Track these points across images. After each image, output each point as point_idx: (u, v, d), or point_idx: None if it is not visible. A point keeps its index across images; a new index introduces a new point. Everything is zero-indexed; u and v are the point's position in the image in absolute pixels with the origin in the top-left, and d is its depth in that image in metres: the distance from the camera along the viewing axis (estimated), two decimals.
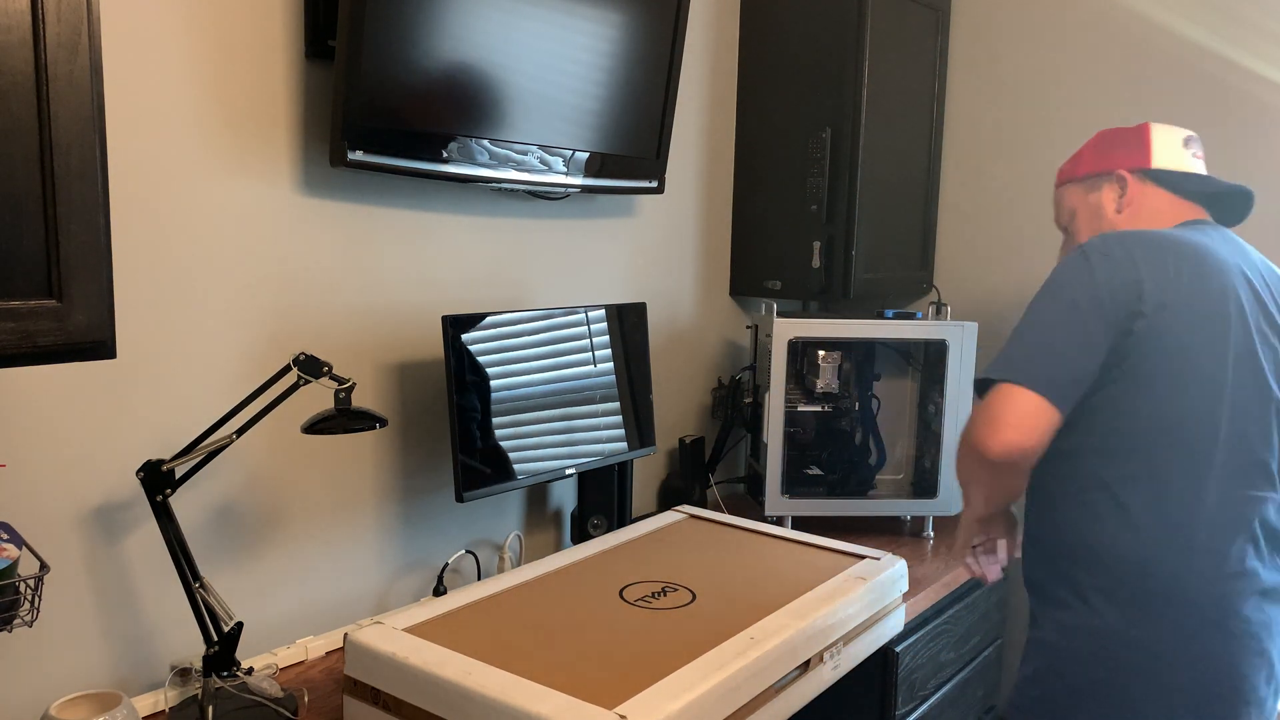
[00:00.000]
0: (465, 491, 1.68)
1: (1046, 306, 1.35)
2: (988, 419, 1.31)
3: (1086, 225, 1.58)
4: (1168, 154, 1.54)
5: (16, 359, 0.98)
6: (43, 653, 1.35)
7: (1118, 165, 1.55)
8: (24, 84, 0.94)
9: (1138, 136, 1.57)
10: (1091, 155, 1.60)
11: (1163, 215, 1.52)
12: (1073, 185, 1.61)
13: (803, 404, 2.32)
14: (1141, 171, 1.54)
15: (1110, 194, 1.56)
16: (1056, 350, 1.32)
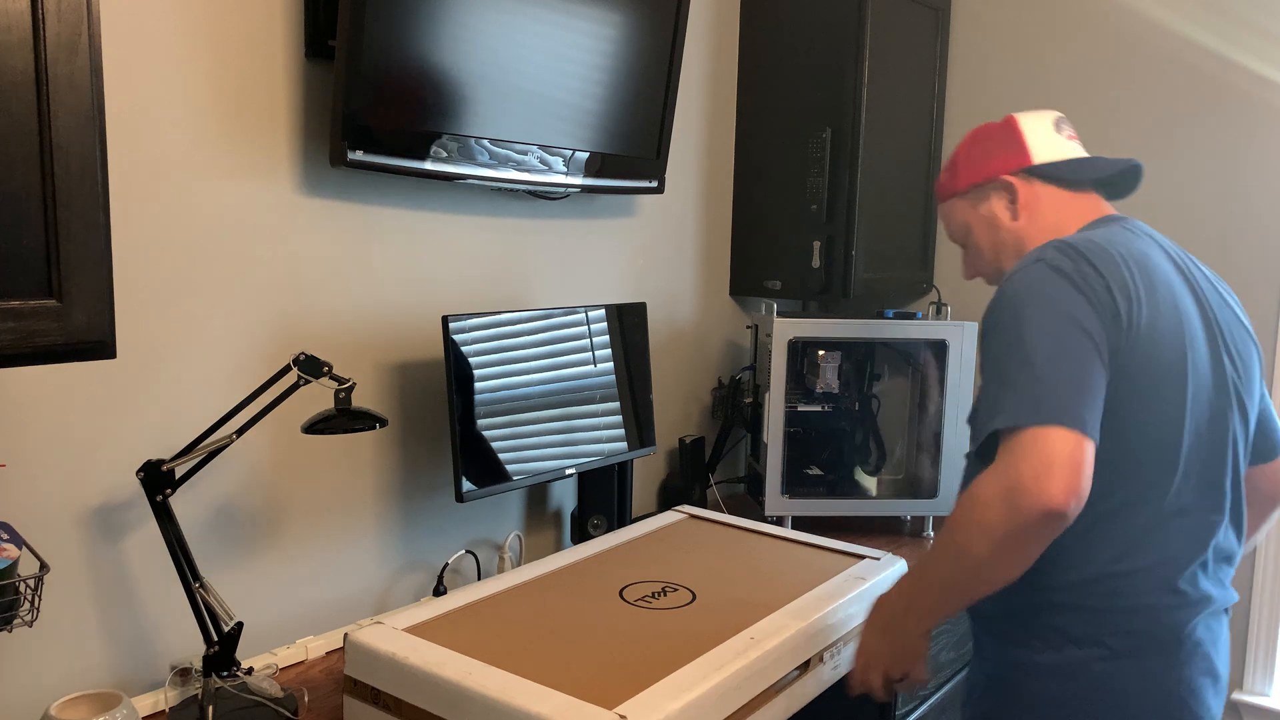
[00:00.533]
0: (465, 491, 1.68)
1: (1044, 330, 1.18)
2: (1039, 469, 1.10)
3: (987, 239, 1.46)
4: (1045, 146, 1.43)
5: (16, 359, 0.98)
6: (43, 653, 1.35)
7: (998, 171, 1.44)
8: (24, 84, 0.94)
9: (1009, 134, 1.45)
10: (967, 165, 1.48)
11: (1064, 213, 1.41)
12: (957, 200, 1.49)
13: (803, 404, 2.32)
14: (1025, 171, 1.42)
15: (1000, 203, 1.44)
16: (1078, 377, 1.16)
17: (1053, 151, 1.43)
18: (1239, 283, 2.30)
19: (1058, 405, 1.13)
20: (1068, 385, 1.14)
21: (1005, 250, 1.44)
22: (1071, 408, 1.13)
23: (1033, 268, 1.23)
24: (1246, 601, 2.33)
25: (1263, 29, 2.24)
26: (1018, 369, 1.17)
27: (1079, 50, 2.48)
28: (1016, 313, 1.21)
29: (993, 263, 1.47)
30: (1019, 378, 1.16)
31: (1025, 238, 1.42)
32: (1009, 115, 1.48)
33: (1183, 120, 2.35)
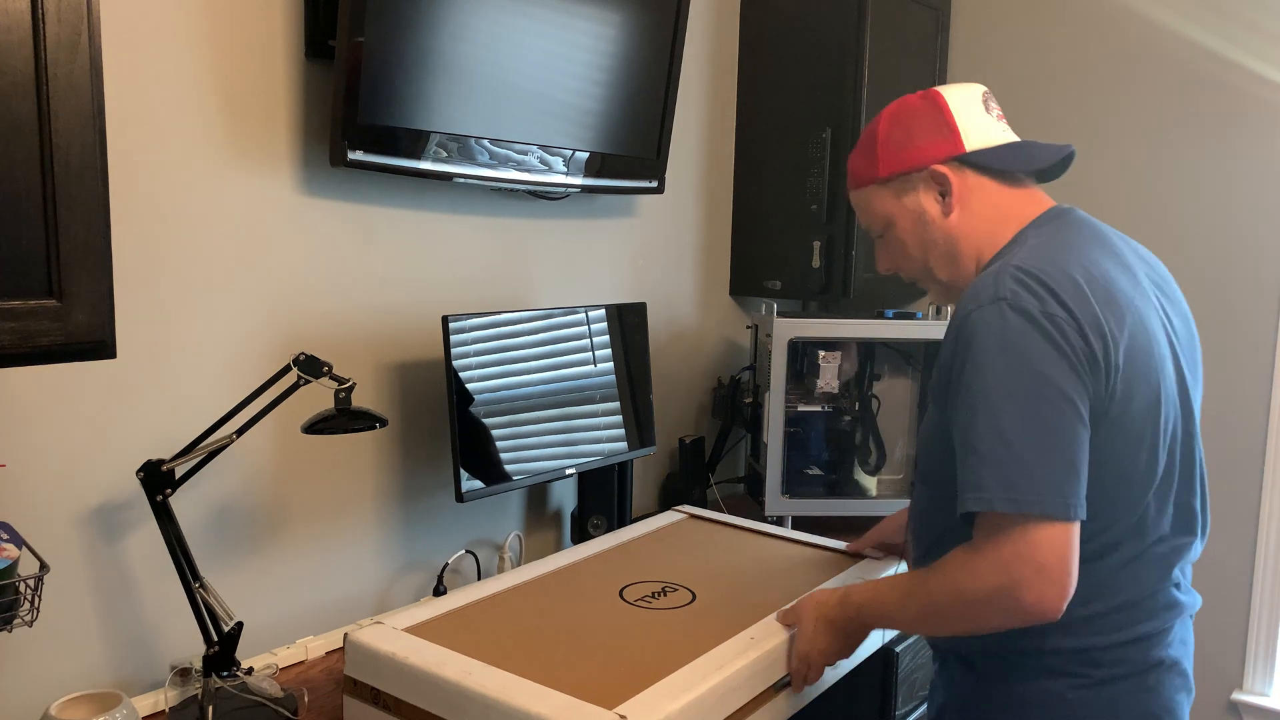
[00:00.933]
0: (465, 491, 1.68)
1: (1017, 395, 1.07)
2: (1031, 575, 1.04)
3: (913, 235, 1.29)
4: (977, 129, 1.26)
5: (16, 359, 0.98)
6: (43, 653, 1.35)
7: (927, 159, 1.25)
8: (24, 84, 0.94)
9: (937, 116, 1.26)
10: (889, 149, 1.28)
11: (1002, 209, 1.26)
12: (876, 189, 1.30)
13: (803, 404, 2.32)
14: (957, 160, 1.25)
15: (929, 195, 1.26)
16: (1063, 456, 1.06)
17: (985, 135, 1.26)
18: (1239, 283, 2.30)
19: (1044, 492, 1.04)
20: (1052, 468, 1.05)
21: (935, 249, 1.29)
22: (1059, 494, 1.04)
23: (991, 310, 1.10)
24: (1246, 601, 2.33)
25: (1262, 29, 2.24)
26: (991, 441, 1.07)
27: (1079, 50, 2.47)
28: (980, 367, 1.09)
29: (919, 262, 1.31)
30: (993, 452, 1.06)
31: (958, 236, 1.27)
32: (932, 90, 1.29)
33: (1182, 119, 2.35)
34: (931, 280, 1.33)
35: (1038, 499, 1.04)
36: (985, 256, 1.27)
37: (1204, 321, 2.34)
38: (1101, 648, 1.18)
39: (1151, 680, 1.20)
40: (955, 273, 1.29)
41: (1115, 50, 2.42)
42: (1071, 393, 1.07)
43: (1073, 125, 2.49)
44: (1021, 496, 1.04)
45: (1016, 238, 1.24)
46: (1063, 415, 1.06)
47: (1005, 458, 1.05)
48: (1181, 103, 2.35)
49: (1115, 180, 2.44)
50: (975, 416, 1.08)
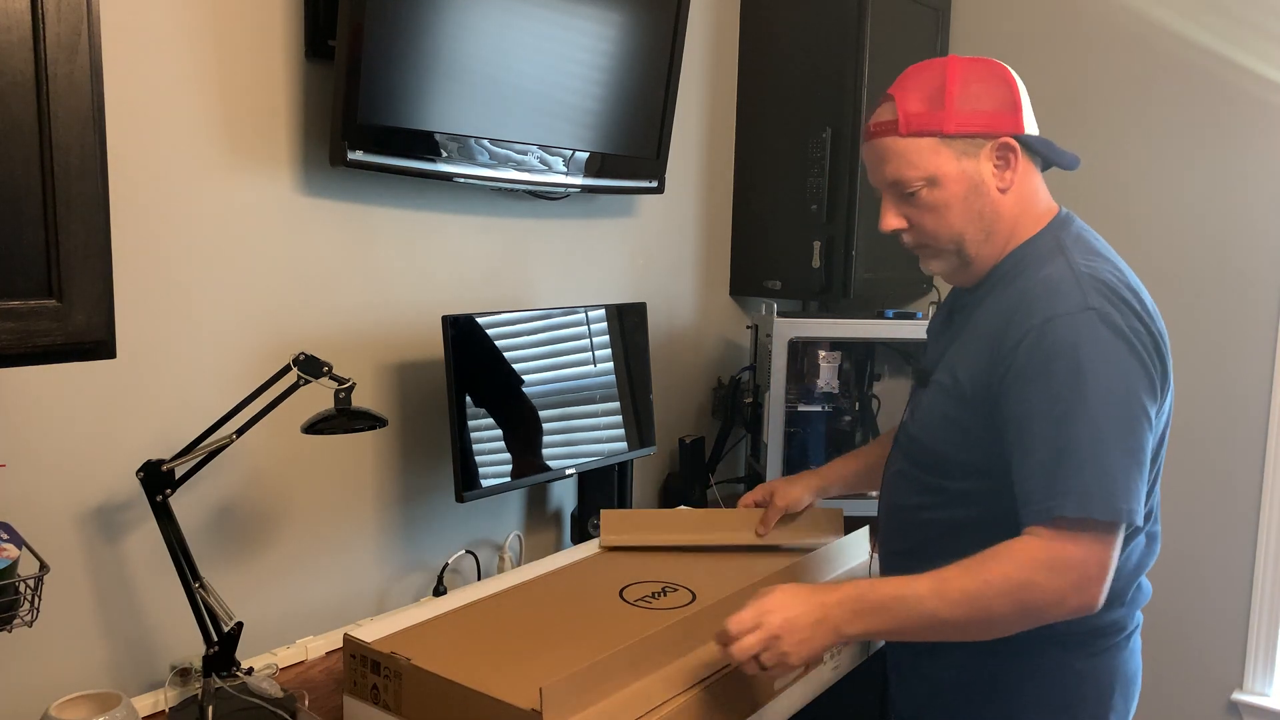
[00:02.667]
0: (465, 491, 1.68)
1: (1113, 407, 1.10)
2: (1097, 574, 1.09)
3: (961, 200, 1.22)
4: (1030, 117, 1.25)
5: (16, 359, 0.98)
6: (43, 653, 1.35)
7: (1001, 127, 1.21)
8: (24, 84, 0.94)
9: (1006, 89, 1.22)
10: (959, 106, 1.20)
11: (1038, 197, 1.27)
12: (933, 142, 1.21)
13: (803, 404, 2.32)
14: (1020, 139, 1.23)
15: (988, 166, 1.22)
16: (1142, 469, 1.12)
17: (1032, 123, 1.26)
18: (1239, 282, 2.30)
19: (1133, 504, 1.09)
20: (1137, 481, 1.10)
21: (977, 221, 1.24)
22: (1139, 506, 1.10)
23: (1083, 319, 1.12)
24: (1247, 601, 2.33)
25: (1263, 28, 2.24)
26: (1088, 447, 1.09)
27: (1079, 50, 2.47)
28: (1078, 375, 1.10)
29: (954, 229, 1.25)
30: (1089, 459, 1.09)
31: (1003, 213, 1.24)
32: (987, 62, 1.24)
33: (1183, 119, 2.35)
34: (954, 252, 1.27)
35: (1129, 511, 1.09)
36: (1013, 242, 1.26)
37: (1204, 321, 2.34)
38: (1109, 623, 1.25)
39: (1134, 641, 1.31)
40: (984, 250, 1.26)
41: (1115, 50, 2.42)
42: (1150, 408, 1.13)
43: (1073, 125, 2.49)
44: (1116, 505, 1.09)
45: (1045, 234, 1.26)
46: (1144, 431, 1.12)
47: (1102, 468, 1.09)
48: (1182, 102, 2.35)
49: (1115, 179, 2.44)
50: (1072, 426, 1.10)
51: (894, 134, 1.23)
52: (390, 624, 1.36)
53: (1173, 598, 2.40)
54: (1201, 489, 2.37)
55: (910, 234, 1.29)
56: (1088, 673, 1.26)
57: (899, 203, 1.27)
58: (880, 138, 1.25)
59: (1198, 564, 2.38)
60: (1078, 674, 1.25)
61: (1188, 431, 2.36)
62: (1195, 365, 2.35)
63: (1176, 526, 2.41)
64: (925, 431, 1.29)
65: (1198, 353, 2.35)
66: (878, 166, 1.27)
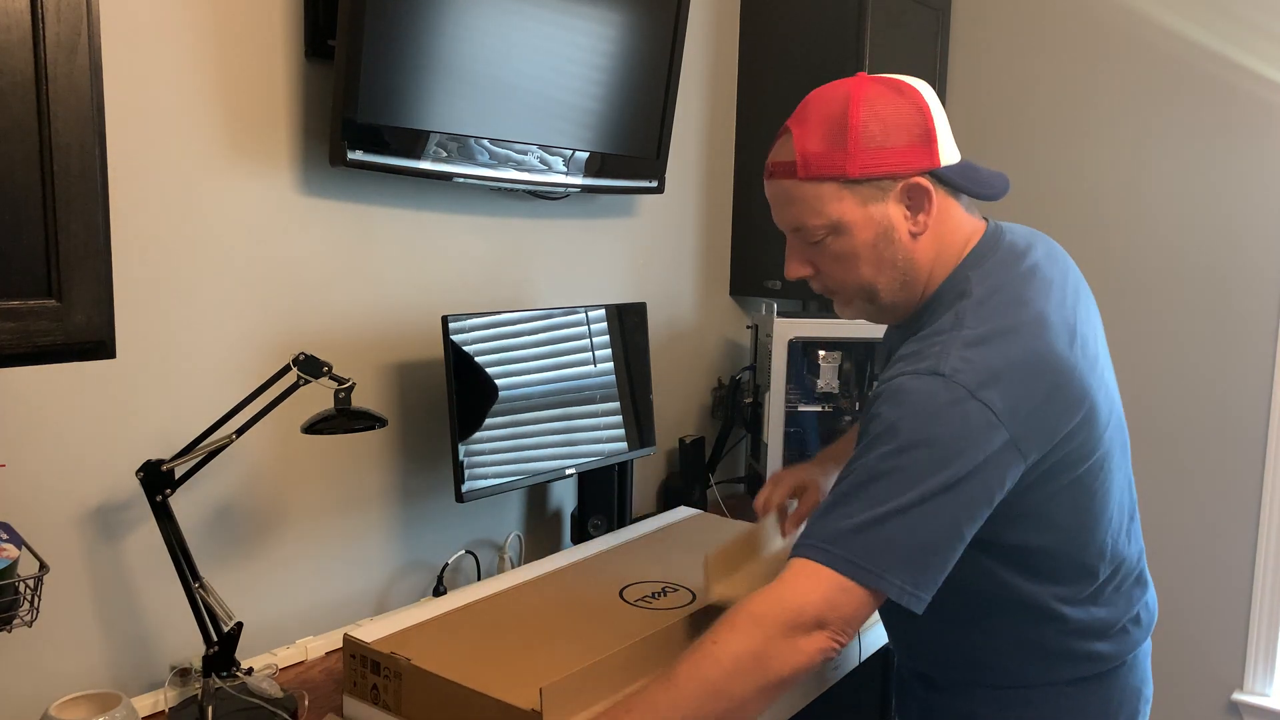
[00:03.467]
0: (465, 491, 1.68)
1: (933, 492, 0.99)
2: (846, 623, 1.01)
3: (870, 249, 1.11)
4: (947, 143, 1.11)
5: (16, 359, 0.98)
6: (43, 653, 1.35)
7: (911, 165, 1.08)
8: (24, 84, 0.94)
9: (918, 118, 1.08)
10: (863, 144, 1.07)
11: (954, 234, 1.14)
12: (838, 187, 1.09)
13: (803, 404, 2.32)
14: (932, 175, 1.09)
15: (898, 209, 1.10)
16: (936, 547, 1.01)
17: (950, 150, 1.12)
18: (1239, 282, 2.30)
19: (908, 581, 1.00)
20: (929, 567, 1.00)
21: (890, 269, 1.13)
22: (923, 586, 1.01)
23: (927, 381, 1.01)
24: (1246, 601, 2.33)
25: (1263, 28, 2.24)
26: (899, 521, 0.99)
27: (1079, 50, 2.47)
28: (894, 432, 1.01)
29: (864, 279, 1.14)
30: (895, 532, 0.99)
31: (917, 261, 1.13)
32: (899, 82, 1.09)
33: (1183, 119, 2.35)
34: (868, 300, 1.18)
35: (879, 576, 0.99)
36: (934, 282, 1.16)
37: (1204, 321, 2.34)
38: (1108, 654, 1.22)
39: (1136, 656, 1.26)
40: (900, 296, 1.16)
41: (1115, 50, 2.42)
42: (974, 488, 1.00)
43: (1073, 125, 2.49)
44: (870, 568, 1.00)
45: (957, 273, 1.14)
46: (948, 509, 1.00)
47: (890, 538, 1.00)
48: (1182, 102, 2.35)
49: (1115, 179, 2.44)
50: (863, 475, 1.02)
51: (792, 176, 1.11)
52: (390, 624, 1.36)
53: (1173, 598, 2.40)
54: (1201, 489, 2.37)
55: (817, 281, 1.19)
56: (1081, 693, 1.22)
57: (803, 248, 1.16)
58: (778, 179, 1.13)
59: (1198, 564, 2.38)
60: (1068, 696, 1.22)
61: (1188, 431, 2.36)
62: (1195, 365, 2.35)
63: (1177, 526, 2.41)
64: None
65: (1198, 353, 2.35)
66: (778, 209, 1.16)
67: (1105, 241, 2.47)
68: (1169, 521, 2.40)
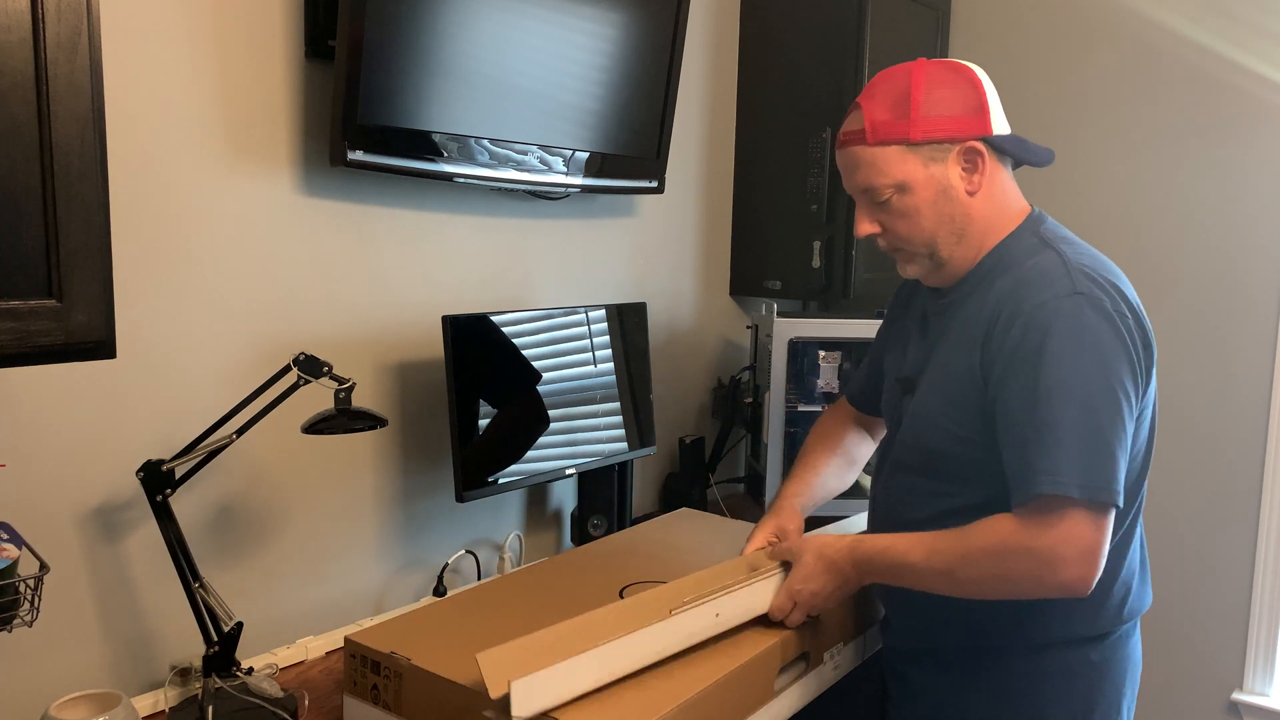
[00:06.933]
0: (465, 491, 1.68)
1: (1099, 389, 1.12)
2: (1081, 556, 1.11)
3: (931, 205, 1.24)
4: (998, 116, 1.26)
5: (16, 359, 0.98)
6: (43, 653, 1.35)
7: (966, 131, 1.22)
8: (24, 84, 0.94)
9: (971, 91, 1.24)
10: (924, 112, 1.22)
11: (1009, 197, 1.29)
12: (901, 150, 1.23)
13: (803, 404, 2.32)
14: (987, 141, 1.24)
15: (956, 169, 1.23)
16: (1124, 450, 1.13)
17: (1002, 123, 1.27)
18: (1240, 282, 2.30)
19: (1113, 484, 1.11)
20: (1114, 460, 1.11)
21: (949, 225, 1.26)
22: (1117, 485, 1.11)
23: (1069, 303, 1.14)
24: (1246, 601, 2.33)
25: (1264, 28, 2.24)
26: (1066, 426, 1.11)
27: (1079, 50, 2.47)
28: (1061, 359, 1.12)
29: (926, 234, 1.27)
30: (1081, 440, 1.11)
31: (974, 216, 1.26)
32: (952, 63, 1.26)
33: (1183, 119, 2.35)
34: (928, 256, 1.29)
35: (1104, 488, 1.10)
36: (989, 243, 1.28)
37: (1204, 322, 2.34)
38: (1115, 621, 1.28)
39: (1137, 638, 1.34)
40: (958, 252, 1.28)
41: (1115, 50, 2.42)
42: (1132, 392, 1.14)
43: (1073, 125, 2.49)
44: (1094, 483, 1.10)
45: (1022, 231, 1.27)
46: (1122, 413, 1.13)
47: (1081, 447, 1.11)
48: (1182, 102, 2.35)
49: (1115, 179, 2.44)
50: (1052, 405, 1.12)
51: (862, 143, 1.25)
52: (390, 624, 1.36)
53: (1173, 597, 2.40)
54: (1201, 489, 2.37)
55: (884, 239, 1.31)
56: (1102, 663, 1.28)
57: (871, 209, 1.29)
58: (850, 146, 1.27)
59: (1198, 564, 2.38)
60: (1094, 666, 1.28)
61: (1188, 431, 2.36)
62: (1195, 365, 2.35)
63: (1176, 526, 2.41)
64: (923, 438, 1.30)
65: (1198, 352, 2.35)
66: (849, 174, 1.29)
67: (1104, 241, 2.45)
68: (1169, 521, 2.40)
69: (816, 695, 1.47)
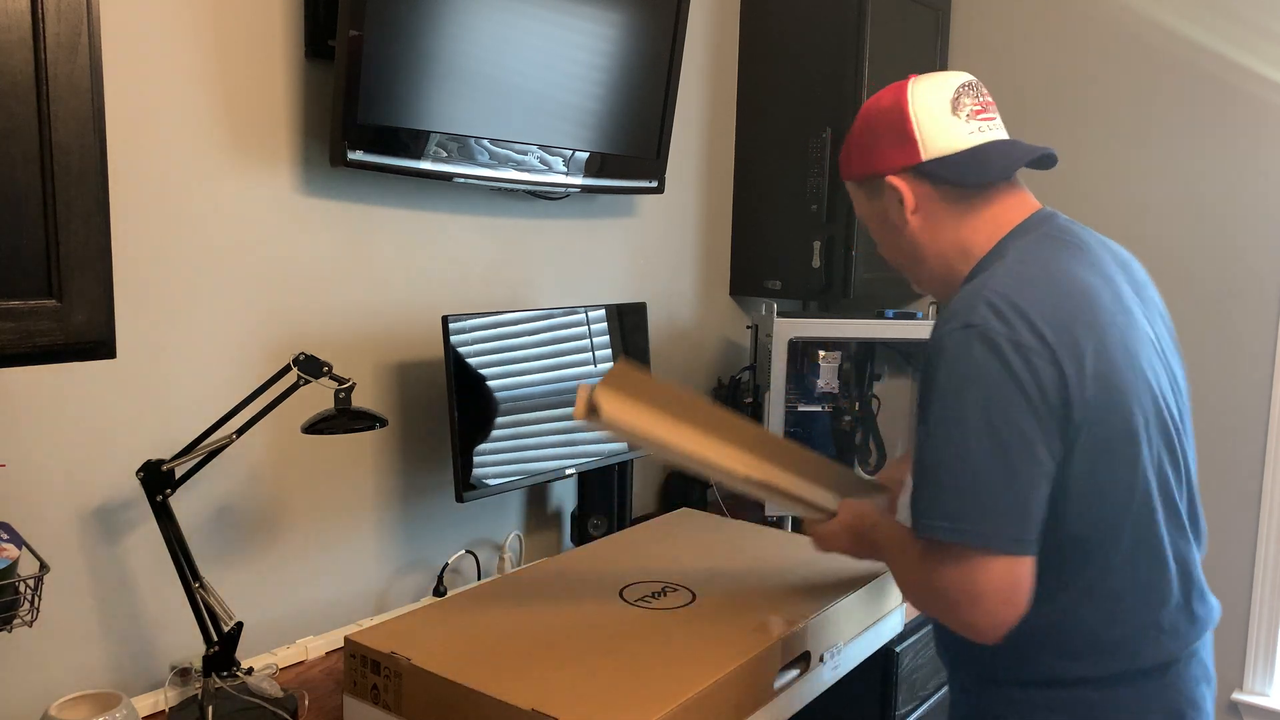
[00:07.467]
0: (465, 491, 1.68)
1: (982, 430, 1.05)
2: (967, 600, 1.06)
3: (884, 239, 1.27)
4: (938, 136, 1.18)
5: (16, 359, 0.98)
6: (43, 653, 1.35)
7: (885, 166, 1.20)
8: (24, 84, 0.94)
9: (898, 121, 1.18)
10: (858, 151, 1.24)
11: (967, 222, 1.20)
12: (853, 187, 1.27)
13: (803, 404, 2.32)
14: (913, 170, 1.19)
15: (892, 203, 1.21)
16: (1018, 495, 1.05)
17: (947, 141, 1.18)
18: (1239, 283, 2.30)
19: (993, 528, 1.04)
20: (1005, 507, 1.05)
21: (903, 255, 1.26)
22: (1008, 530, 1.05)
23: (959, 335, 1.07)
24: (1246, 601, 2.33)
25: (1263, 28, 2.24)
26: (952, 469, 1.06)
27: (1079, 50, 2.47)
28: (943, 395, 1.08)
29: (896, 263, 1.30)
30: (955, 481, 1.06)
31: (922, 244, 1.22)
32: (902, 87, 1.20)
33: (1183, 119, 2.35)
34: (911, 280, 1.32)
35: (979, 532, 1.04)
36: (960, 266, 1.22)
37: (1204, 323, 2.34)
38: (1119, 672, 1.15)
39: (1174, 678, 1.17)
40: (922, 277, 1.27)
41: (1115, 50, 2.42)
42: (1027, 429, 1.05)
43: (1072, 125, 2.49)
44: (966, 528, 1.05)
45: (996, 249, 1.19)
46: (1008, 451, 1.05)
47: (954, 488, 1.06)
48: (1182, 103, 2.35)
49: (1115, 180, 2.44)
50: (932, 443, 1.08)
51: None
52: (390, 624, 1.36)
53: None
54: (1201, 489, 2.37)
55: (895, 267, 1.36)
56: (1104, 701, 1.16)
57: None
58: None
59: None
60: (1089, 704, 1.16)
61: None
62: (1195, 365, 2.35)
63: None
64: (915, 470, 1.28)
65: (1197, 353, 2.35)
66: None
67: None
68: None
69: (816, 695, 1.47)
